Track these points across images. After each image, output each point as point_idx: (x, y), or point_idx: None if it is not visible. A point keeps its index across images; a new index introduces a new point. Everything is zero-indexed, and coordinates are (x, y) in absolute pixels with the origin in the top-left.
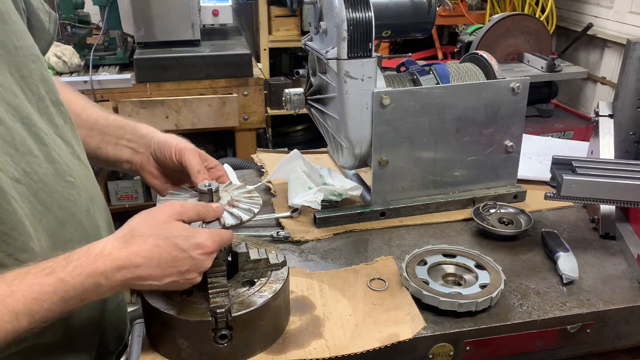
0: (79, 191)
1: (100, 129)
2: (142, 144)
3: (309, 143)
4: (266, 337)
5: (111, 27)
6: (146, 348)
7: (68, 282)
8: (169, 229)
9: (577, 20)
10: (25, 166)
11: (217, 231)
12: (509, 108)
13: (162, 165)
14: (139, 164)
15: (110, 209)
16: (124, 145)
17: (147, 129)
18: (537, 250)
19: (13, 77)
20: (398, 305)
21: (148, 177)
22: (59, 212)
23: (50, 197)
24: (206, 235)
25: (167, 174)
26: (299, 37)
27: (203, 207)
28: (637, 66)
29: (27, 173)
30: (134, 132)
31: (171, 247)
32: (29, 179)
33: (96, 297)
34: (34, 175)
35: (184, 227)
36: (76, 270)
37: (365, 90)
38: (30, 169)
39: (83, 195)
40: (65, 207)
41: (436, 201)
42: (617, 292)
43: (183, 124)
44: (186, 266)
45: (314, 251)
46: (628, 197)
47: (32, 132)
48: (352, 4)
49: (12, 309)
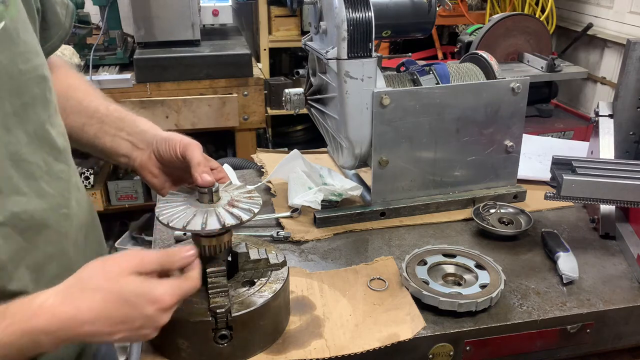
0: (71, 222)
1: (100, 118)
2: (143, 140)
3: (309, 143)
4: (266, 337)
5: (111, 27)
6: (146, 348)
7: (1, 340)
8: (122, 282)
9: (577, 20)
10: (12, 207)
11: (178, 283)
12: (509, 108)
13: (164, 163)
14: (138, 161)
15: (110, 209)
16: (123, 138)
17: (147, 124)
18: (537, 250)
19: (12, 107)
20: (398, 305)
21: (147, 176)
22: (47, 247)
23: (38, 234)
24: (163, 289)
25: (168, 173)
26: (299, 37)
27: (168, 257)
28: (637, 66)
29: (14, 214)
30: (133, 125)
31: (121, 304)
32: (17, 219)
33: (40, 352)
34: (23, 214)
35: (139, 282)
36: (9, 327)
37: (365, 90)
38: (19, 209)
39: (75, 224)
40: (56, 241)
41: (436, 201)
42: (617, 292)
43: (183, 124)
44: (138, 322)
45: (314, 251)
46: (628, 197)
47: (21, 168)
48: (352, 4)
49: None
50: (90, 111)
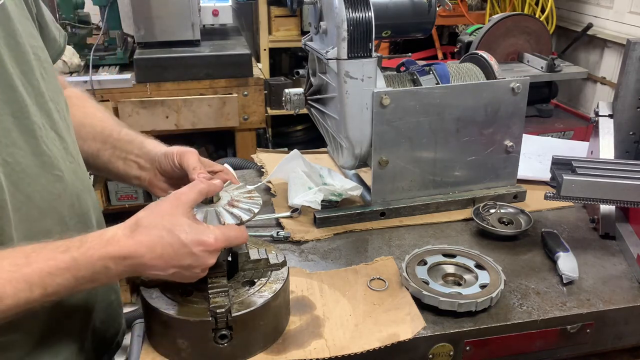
0: (64, 185)
1: (112, 143)
2: (148, 159)
3: (309, 143)
4: (266, 337)
5: (111, 27)
6: (146, 348)
7: (80, 262)
8: (174, 221)
9: (577, 20)
10: (6, 156)
11: (224, 229)
12: (509, 108)
13: (167, 176)
14: (147, 180)
15: (110, 209)
16: (132, 161)
17: (152, 144)
18: (537, 250)
19: (14, 70)
20: (398, 305)
21: (158, 192)
22: (41, 202)
23: (31, 188)
24: (210, 232)
25: (174, 185)
26: (299, 37)
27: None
28: (637, 66)
29: (7, 163)
30: (141, 147)
31: (173, 241)
32: (9, 169)
33: (106, 279)
34: (16, 165)
35: (190, 222)
36: (89, 252)
37: (365, 90)
38: (12, 160)
39: (69, 189)
40: (48, 199)
41: (436, 201)
42: (617, 292)
43: (183, 124)
44: (188, 261)
45: (314, 251)
46: (628, 197)
47: (23, 125)
48: (352, 4)
49: (28, 279)
50: (104, 136)
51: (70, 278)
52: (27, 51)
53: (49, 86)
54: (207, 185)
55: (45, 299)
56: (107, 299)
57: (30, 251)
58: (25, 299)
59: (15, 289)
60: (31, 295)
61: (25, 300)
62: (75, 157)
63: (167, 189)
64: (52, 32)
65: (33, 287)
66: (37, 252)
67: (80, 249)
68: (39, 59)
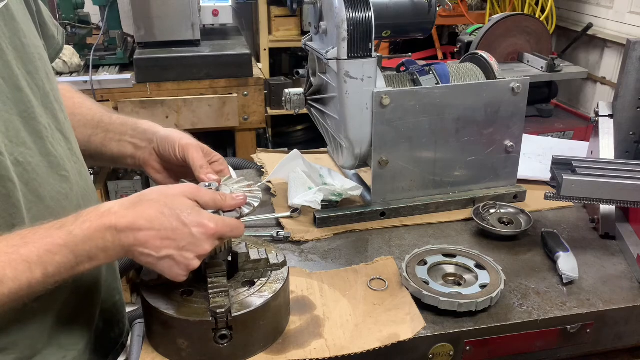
0: (71, 186)
1: (104, 127)
2: (144, 139)
3: (309, 143)
4: (266, 337)
5: (111, 27)
6: (146, 348)
7: (77, 235)
8: (177, 201)
9: (577, 20)
10: (18, 156)
11: (225, 218)
12: (509, 108)
13: (164, 160)
14: (142, 159)
15: None
16: (127, 141)
17: (147, 124)
18: (537, 250)
19: (20, 71)
20: (398, 305)
21: (151, 172)
22: (51, 202)
23: (42, 188)
24: (210, 217)
25: (170, 168)
26: (299, 37)
27: (220, 196)
28: (637, 66)
29: (20, 162)
30: (135, 127)
31: (173, 217)
32: (21, 169)
33: (103, 257)
34: (27, 165)
35: (193, 205)
36: (85, 224)
37: (365, 90)
38: (23, 159)
39: (75, 190)
40: (57, 199)
41: (436, 201)
42: (617, 292)
43: (183, 124)
44: (185, 241)
45: (314, 251)
46: (628, 197)
47: (30, 126)
48: (352, 4)
49: (26, 259)
50: (95, 122)
51: (68, 255)
52: (32, 51)
53: (53, 86)
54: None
55: (47, 279)
56: (112, 299)
57: (26, 233)
58: (27, 281)
59: (16, 270)
60: (32, 276)
61: (28, 282)
62: (79, 157)
63: (160, 170)
64: (50, 30)
65: (33, 267)
66: (33, 232)
67: (76, 223)
68: (43, 59)
